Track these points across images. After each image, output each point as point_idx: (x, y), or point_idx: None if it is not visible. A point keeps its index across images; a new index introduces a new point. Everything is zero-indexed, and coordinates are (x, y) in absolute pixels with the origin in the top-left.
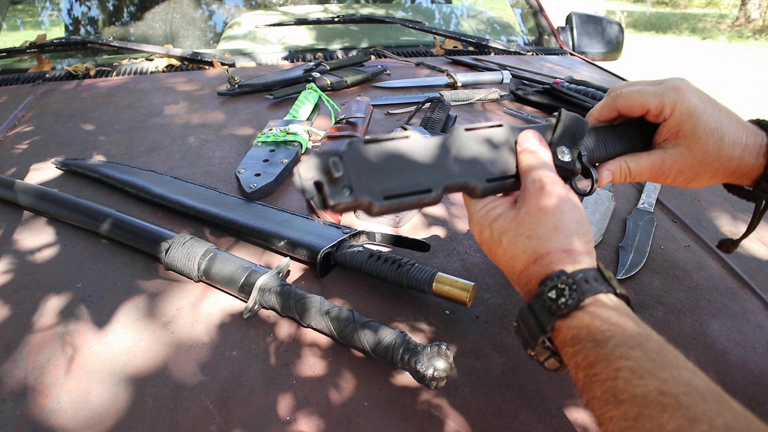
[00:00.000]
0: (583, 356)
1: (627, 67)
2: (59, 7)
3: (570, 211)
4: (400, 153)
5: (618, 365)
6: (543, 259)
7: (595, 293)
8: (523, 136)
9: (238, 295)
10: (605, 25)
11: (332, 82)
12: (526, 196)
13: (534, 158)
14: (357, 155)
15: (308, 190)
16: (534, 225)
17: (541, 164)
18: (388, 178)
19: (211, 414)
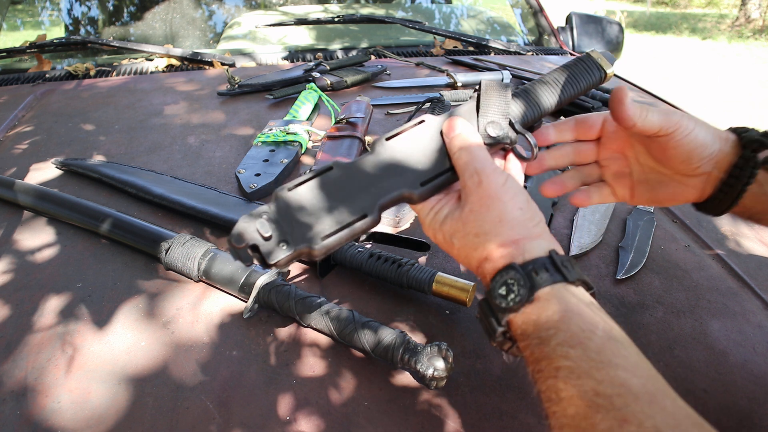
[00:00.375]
0: (530, 351)
1: (627, 67)
2: (59, 7)
3: (512, 199)
4: (328, 187)
5: (558, 364)
6: (493, 254)
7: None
8: (447, 126)
9: (238, 295)
10: (605, 25)
11: (332, 82)
12: (467, 193)
13: (465, 150)
14: (285, 206)
15: (245, 258)
16: (479, 222)
17: (473, 153)
18: (323, 216)
19: (211, 414)
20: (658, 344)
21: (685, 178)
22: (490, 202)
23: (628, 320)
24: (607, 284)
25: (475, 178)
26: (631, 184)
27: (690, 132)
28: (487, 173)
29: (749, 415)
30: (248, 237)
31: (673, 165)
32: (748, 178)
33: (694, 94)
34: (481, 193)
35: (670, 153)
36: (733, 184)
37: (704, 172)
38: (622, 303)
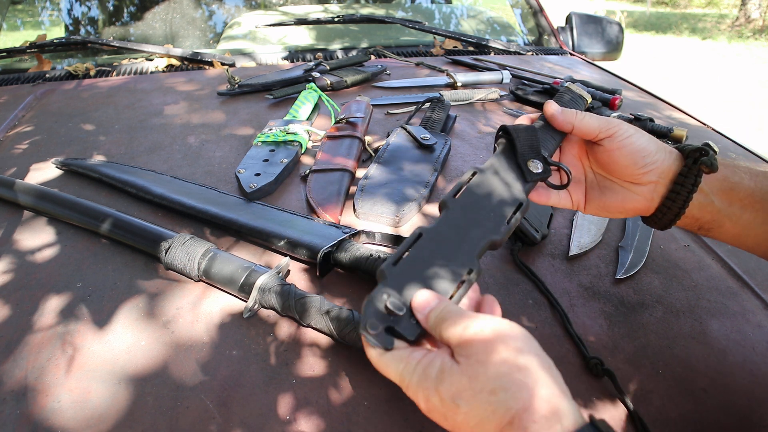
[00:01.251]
0: None
1: (627, 67)
2: (59, 7)
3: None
4: (425, 254)
5: None
6: (521, 418)
7: None
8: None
9: (238, 294)
10: (605, 25)
11: (332, 82)
12: (464, 344)
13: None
14: (397, 281)
15: (385, 342)
16: (493, 375)
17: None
18: (436, 281)
19: (211, 414)
20: (658, 344)
21: (633, 186)
22: (501, 346)
23: (628, 320)
24: (607, 284)
25: (472, 325)
26: (584, 191)
27: (629, 136)
28: (485, 318)
29: (749, 415)
30: (381, 320)
31: (618, 171)
32: (692, 185)
33: (694, 94)
34: (485, 338)
35: (613, 156)
36: (679, 191)
37: (650, 181)
38: (622, 303)
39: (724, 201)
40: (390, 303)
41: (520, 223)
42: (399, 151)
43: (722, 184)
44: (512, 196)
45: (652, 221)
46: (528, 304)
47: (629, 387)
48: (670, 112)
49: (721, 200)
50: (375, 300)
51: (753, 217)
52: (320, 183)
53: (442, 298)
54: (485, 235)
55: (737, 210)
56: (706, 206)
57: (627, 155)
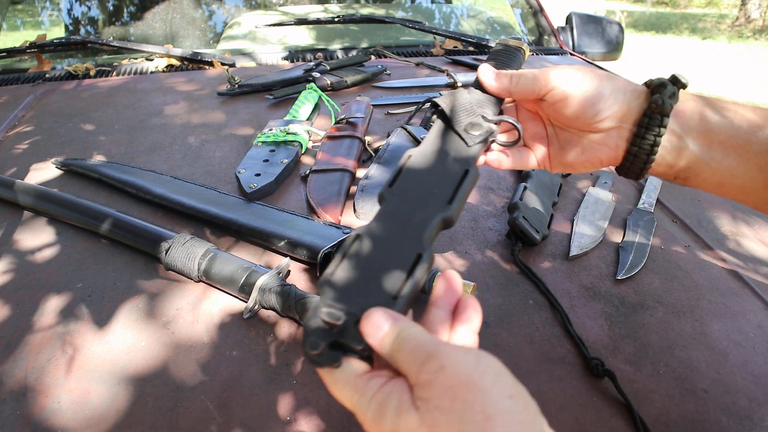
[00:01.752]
0: None
1: (627, 67)
2: (59, 7)
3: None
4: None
5: None
6: None
7: None
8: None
9: (238, 295)
10: (605, 25)
11: (332, 82)
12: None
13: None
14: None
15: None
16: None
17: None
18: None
19: (211, 414)
20: (659, 344)
21: (592, 135)
22: (465, 392)
23: (628, 320)
24: (607, 284)
25: (432, 364)
26: (547, 147)
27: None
28: (448, 354)
29: (749, 415)
30: (322, 336)
31: (570, 122)
32: (657, 127)
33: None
34: (446, 382)
35: (559, 108)
36: (644, 136)
37: (610, 127)
38: (622, 303)
39: (701, 144)
40: (326, 314)
41: (521, 224)
42: (399, 151)
43: (699, 125)
44: (457, 168)
45: (623, 171)
46: (528, 305)
47: (630, 387)
48: None
49: (698, 143)
50: (314, 315)
51: (736, 162)
52: (320, 183)
53: (397, 318)
54: (432, 215)
55: (718, 154)
56: (680, 150)
57: (574, 104)
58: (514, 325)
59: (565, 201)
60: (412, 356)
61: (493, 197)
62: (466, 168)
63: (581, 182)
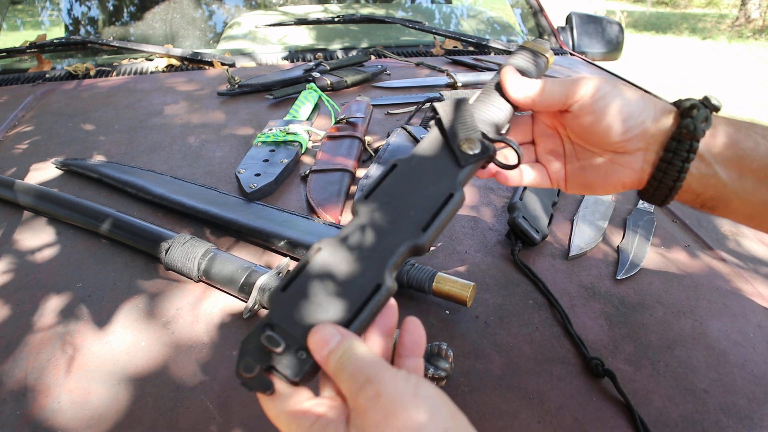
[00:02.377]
0: None
1: (627, 67)
2: (59, 7)
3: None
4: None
5: None
6: None
7: None
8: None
9: (238, 295)
10: (605, 25)
11: (332, 82)
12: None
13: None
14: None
15: (264, 386)
16: None
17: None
18: (333, 304)
19: (211, 414)
20: (659, 344)
21: (617, 156)
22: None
23: (628, 320)
24: (608, 284)
25: (369, 389)
26: (564, 166)
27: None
28: (387, 380)
29: (749, 415)
30: (258, 359)
31: (595, 139)
32: (686, 152)
33: (694, 94)
34: (381, 411)
35: (586, 123)
36: (671, 161)
37: (637, 149)
38: (622, 303)
39: (732, 172)
40: (265, 338)
41: (520, 224)
42: (399, 151)
43: (730, 151)
44: (441, 188)
45: (646, 196)
46: (528, 305)
47: (630, 387)
48: None
49: (729, 171)
50: (254, 335)
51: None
52: (320, 183)
53: (345, 335)
54: (402, 240)
55: (750, 184)
56: (709, 178)
57: (602, 120)
58: (514, 325)
59: (565, 201)
60: (353, 378)
61: (493, 197)
62: (451, 191)
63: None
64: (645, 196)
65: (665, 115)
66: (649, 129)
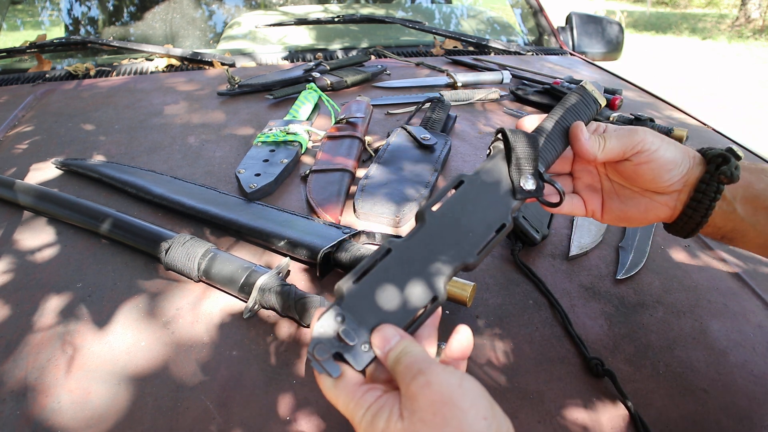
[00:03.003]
0: None
1: (627, 67)
2: (59, 7)
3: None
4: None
5: None
6: None
7: None
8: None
9: (238, 295)
10: (605, 25)
11: (332, 82)
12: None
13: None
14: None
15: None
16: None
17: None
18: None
19: (211, 414)
20: (658, 344)
21: (656, 196)
22: (445, 409)
23: (628, 320)
24: (607, 284)
25: (421, 379)
26: (601, 200)
27: (656, 150)
28: (437, 372)
29: (749, 415)
30: (329, 345)
31: (643, 183)
32: (714, 193)
33: (694, 94)
34: (431, 397)
35: (639, 172)
36: (700, 200)
37: (674, 190)
38: (622, 303)
39: (748, 209)
40: (342, 332)
41: (521, 224)
42: (399, 151)
43: (746, 192)
44: (496, 215)
45: (674, 229)
46: (528, 305)
47: (630, 387)
48: (670, 112)
49: (745, 208)
50: (327, 321)
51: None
52: (320, 183)
53: (404, 336)
54: (458, 257)
55: (763, 219)
56: (729, 215)
57: (654, 169)
58: (514, 325)
59: None
60: (408, 370)
61: None
62: (504, 222)
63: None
64: (672, 229)
65: (697, 162)
66: (686, 174)
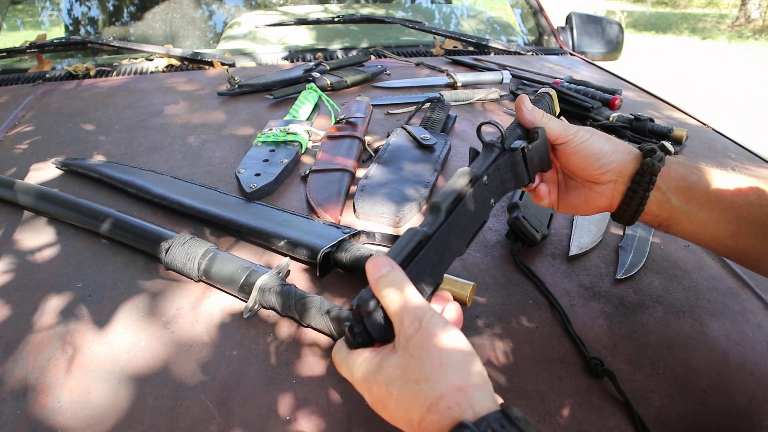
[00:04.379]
0: None
1: (627, 67)
2: (59, 7)
3: (453, 344)
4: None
5: None
6: (438, 404)
7: None
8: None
9: (238, 294)
10: (605, 25)
11: (332, 82)
12: (405, 338)
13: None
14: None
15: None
16: (419, 366)
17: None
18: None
19: (211, 414)
20: (658, 344)
21: (594, 186)
22: (431, 346)
23: (628, 320)
24: (607, 284)
25: (416, 323)
26: (557, 191)
27: (584, 141)
28: (428, 317)
29: (749, 414)
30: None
31: (577, 172)
32: (647, 184)
33: (694, 94)
34: (421, 336)
35: (571, 160)
36: (635, 190)
37: (609, 180)
38: (622, 303)
39: (681, 199)
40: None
41: (520, 223)
42: (399, 151)
43: (679, 183)
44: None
45: (617, 217)
46: (528, 305)
47: (629, 387)
48: (670, 112)
49: (678, 198)
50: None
51: (708, 215)
52: (320, 183)
53: (394, 266)
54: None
55: (694, 208)
56: (664, 204)
57: (583, 158)
58: (514, 325)
59: None
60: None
61: None
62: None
63: None
64: (615, 217)
65: (632, 156)
66: (619, 166)
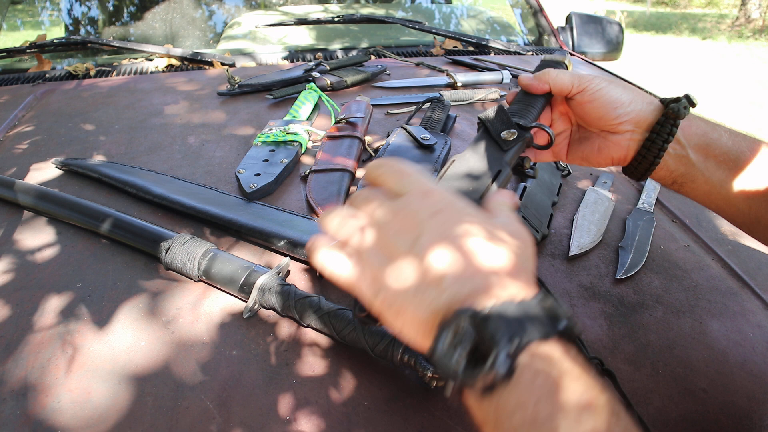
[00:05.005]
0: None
1: (627, 67)
2: (59, 7)
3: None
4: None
5: None
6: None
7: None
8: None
9: (238, 294)
10: (605, 25)
11: (332, 82)
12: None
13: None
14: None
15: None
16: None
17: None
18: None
19: (211, 414)
20: (658, 344)
21: (609, 135)
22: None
23: (628, 320)
24: (607, 284)
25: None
26: (568, 142)
27: (599, 89)
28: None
29: (749, 414)
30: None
31: (593, 121)
32: (667, 135)
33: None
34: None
35: (586, 109)
36: (654, 140)
37: (626, 130)
38: (622, 303)
39: (699, 155)
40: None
41: None
42: (399, 151)
43: (700, 139)
44: (491, 167)
45: (629, 171)
46: None
47: (629, 387)
48: None
49: (697, 154)
50: None
51: (725, 175)
52: (320, 183)
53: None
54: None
55: (711, 166)
56: (682, 158)
57: (599, 107)
58: None
59: (565, 201)
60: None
61: None
62: (499, 168)
63: (581, 182)
64: (627, 171)
65: (652, 107)
66: (638, 116)
